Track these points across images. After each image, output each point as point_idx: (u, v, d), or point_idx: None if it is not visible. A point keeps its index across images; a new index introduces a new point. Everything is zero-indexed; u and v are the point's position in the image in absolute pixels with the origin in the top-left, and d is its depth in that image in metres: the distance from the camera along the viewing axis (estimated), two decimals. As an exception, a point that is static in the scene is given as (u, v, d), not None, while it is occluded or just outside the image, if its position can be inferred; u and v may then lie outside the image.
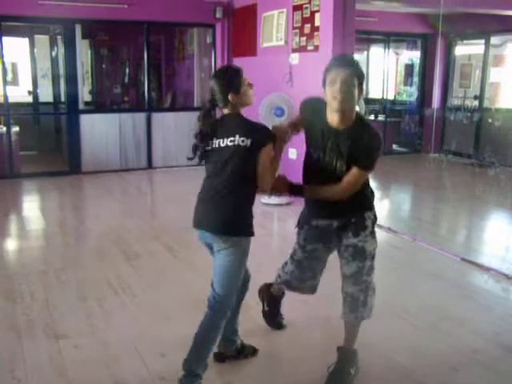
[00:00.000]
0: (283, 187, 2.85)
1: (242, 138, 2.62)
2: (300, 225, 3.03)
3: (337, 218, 2.86)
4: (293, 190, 2.87)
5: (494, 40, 9.69)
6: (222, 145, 2.67)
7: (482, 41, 9.80)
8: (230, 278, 2.73)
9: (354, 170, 2.71)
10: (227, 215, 2.66)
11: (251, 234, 2.73)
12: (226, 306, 2.76)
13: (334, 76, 2.59)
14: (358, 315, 2.91)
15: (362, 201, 2.89)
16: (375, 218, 2.94)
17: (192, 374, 2.67)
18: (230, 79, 2.71)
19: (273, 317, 3.42)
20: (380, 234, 5.57)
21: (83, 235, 5.75)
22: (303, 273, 3.05)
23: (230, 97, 2.67)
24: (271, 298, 3.39)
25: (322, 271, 3.09)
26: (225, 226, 2.67)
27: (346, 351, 2.97)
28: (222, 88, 2.68)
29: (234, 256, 2.69)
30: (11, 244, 5.48)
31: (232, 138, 2.64)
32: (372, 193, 2.97)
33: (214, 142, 2.71)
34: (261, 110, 6.48)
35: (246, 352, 3.11)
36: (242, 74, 2.74)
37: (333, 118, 2.69)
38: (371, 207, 2.94)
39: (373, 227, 2.91)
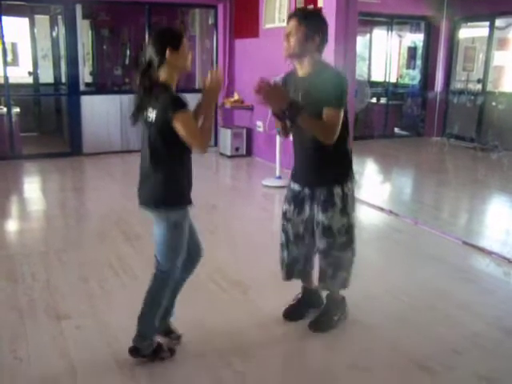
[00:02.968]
0: (283, 100, 2.75)
1: (152, 113, 2.60)
2: (287, 185, 3.21)
3: (307, 186, 3.01)
4: (291, 105, 2.75)
5: (498, 22, 9.60)
6: (147, 115, 2.65)
7: (487, 23, 9.70)
8: (166, 250, 2.76)
9: (325, 110, 2.77)
10: (150, 189, 2.76)
11: (176, 204, 2.72)
12: (166, 277, 2.79)
13: (286, 28, 2.87)
14: (325, 286, 3.15)
15: (333, 174, 2.97)
16: (345, 194, 2.97)
17: (141, 335, 2.82)
18: (168, 34, 2.67)
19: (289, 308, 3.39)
20: (382, 216, 5.62)
21: (84, 217, 5.75)
22: (281, 236, 3.19)
23: (167, 53, 2.56)
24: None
25: (295, 243, 3.13)
26: (149, 199, 2.77)
27: (332, 297, 3.25)
28: (160, 43, 2.59)
29: (163, 229, 2.73)
30: (12, 225, 5.48)
31: (150, 111, 2.62)
32: (348, 164, 3.03)
33: (145, 111, 2.66)
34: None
35: (171, 336, 3.07)
36: (183, 36, 2.66)
37: (297, 67, 2.91)
38: (341, 181, 2.97)
39: (343, 204, 2.97)
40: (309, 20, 2.85)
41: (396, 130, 11.14)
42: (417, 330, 3.28)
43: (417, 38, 11.21)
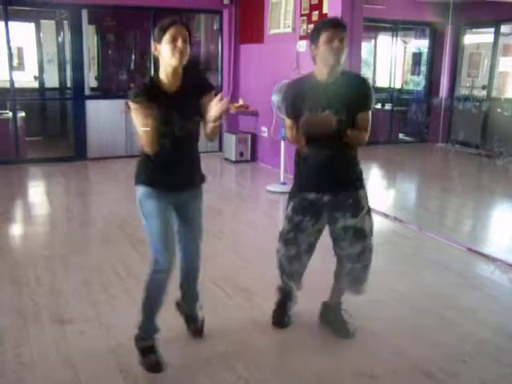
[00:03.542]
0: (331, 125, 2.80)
1: None
2: (291, 196, 3.10)
3: (328, 192, 2.97)
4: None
5: (503, 29, 9.58)
6: None
7: (492, 29, 9.69)
8: (146, 233, 2.77)
9: (363, 114, 2.87)
10: None
11: (137, 182, 2.79)
12: (151, 271, 2.75)
13: (331, 35, 2.79)
14: (359, 290, 3.13)
15: (355, 178, 3.01)
16: (367, 195, 3.05)
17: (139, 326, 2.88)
18: (157, 26, 2.63)
19: (279, 316, 3.35)
20: (386, 222, 5.60)
21: (88, 221, 5.76)
22: (289, 249, 3.11)
23: (152, 46, 2.62)
24: (281, 298, 3.37)
25: (308, 253, 3.11)
26: None
27: (335, 303, 3.29)
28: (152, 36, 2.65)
29: None
30: (17, 229, 5.49)
31: None
32: (361, 172, 3.09)
33: None
34: (274, 98, 6.46)
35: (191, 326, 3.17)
36: (169, 25, 2.58)
37: (323, 72, 2.87)
38: (363, 186, 3.05)
39: (368, 206, 3.03)
40: (347, 29, 2.88)
41: (400, 135, 11.13)
42: (421, 337, 3.27)
43: (422, 44, 11.21)
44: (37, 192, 7.02)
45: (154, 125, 2.50)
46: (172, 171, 2.73)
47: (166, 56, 2.55)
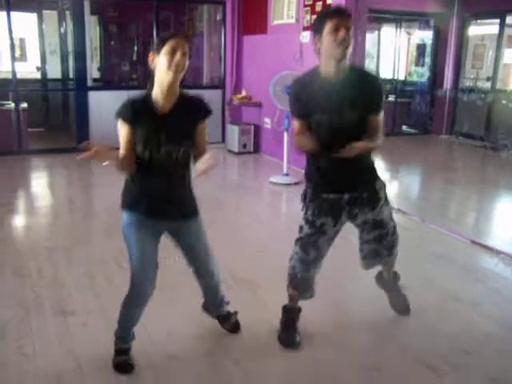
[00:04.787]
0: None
1: None
2: (307, 200, 2.92)
3: (348, 190, 2.85)
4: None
5: (509, 20, 9.51)
6: None
7: (497, 20, 9.61)
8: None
9: (378, 116, 2.75)
10: None
11: (122, 206, 2.73)
12: (130, 285, 2.65)
13: (337, 24, 2.55)
14: (380, 261, 3.14)
15: (370, 171, 2.95)
16: (384, 184, 3.00)
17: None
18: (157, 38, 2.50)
19: (289, 336, 3.10)
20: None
21: (91, 212, 5.75)
22: (308, 254, 2.94)
23: (149, 58, 2.48)
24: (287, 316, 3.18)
25: (323, 257, 2.99)
26: None
27: (391, 280, 3.33)
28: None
29: None
30: (19, 220, 5.48)
31: None
32: (373, 163, 3.03)
33: None
34: (271, 89, 6.41)
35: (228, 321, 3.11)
36: (169, 36, 2.42)
37: (329, 68, 2.65)
38: (378, 176, 2.97)
39: (385, 195, 2.99)
40: (351, 18, 2.66)
41: (404, 127, 11.09)
42: (425, 329, 3.25)
43: (426, 36, 11.14)
44: (39, 183, 7.01)
45: (129, 149, 2.48)
46: (157, 197, 2.61)
47: (162, 68, 2.41)
